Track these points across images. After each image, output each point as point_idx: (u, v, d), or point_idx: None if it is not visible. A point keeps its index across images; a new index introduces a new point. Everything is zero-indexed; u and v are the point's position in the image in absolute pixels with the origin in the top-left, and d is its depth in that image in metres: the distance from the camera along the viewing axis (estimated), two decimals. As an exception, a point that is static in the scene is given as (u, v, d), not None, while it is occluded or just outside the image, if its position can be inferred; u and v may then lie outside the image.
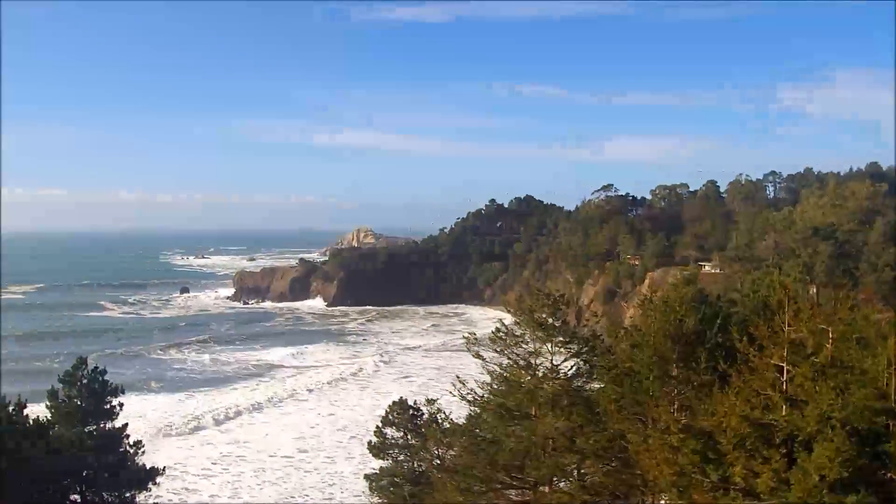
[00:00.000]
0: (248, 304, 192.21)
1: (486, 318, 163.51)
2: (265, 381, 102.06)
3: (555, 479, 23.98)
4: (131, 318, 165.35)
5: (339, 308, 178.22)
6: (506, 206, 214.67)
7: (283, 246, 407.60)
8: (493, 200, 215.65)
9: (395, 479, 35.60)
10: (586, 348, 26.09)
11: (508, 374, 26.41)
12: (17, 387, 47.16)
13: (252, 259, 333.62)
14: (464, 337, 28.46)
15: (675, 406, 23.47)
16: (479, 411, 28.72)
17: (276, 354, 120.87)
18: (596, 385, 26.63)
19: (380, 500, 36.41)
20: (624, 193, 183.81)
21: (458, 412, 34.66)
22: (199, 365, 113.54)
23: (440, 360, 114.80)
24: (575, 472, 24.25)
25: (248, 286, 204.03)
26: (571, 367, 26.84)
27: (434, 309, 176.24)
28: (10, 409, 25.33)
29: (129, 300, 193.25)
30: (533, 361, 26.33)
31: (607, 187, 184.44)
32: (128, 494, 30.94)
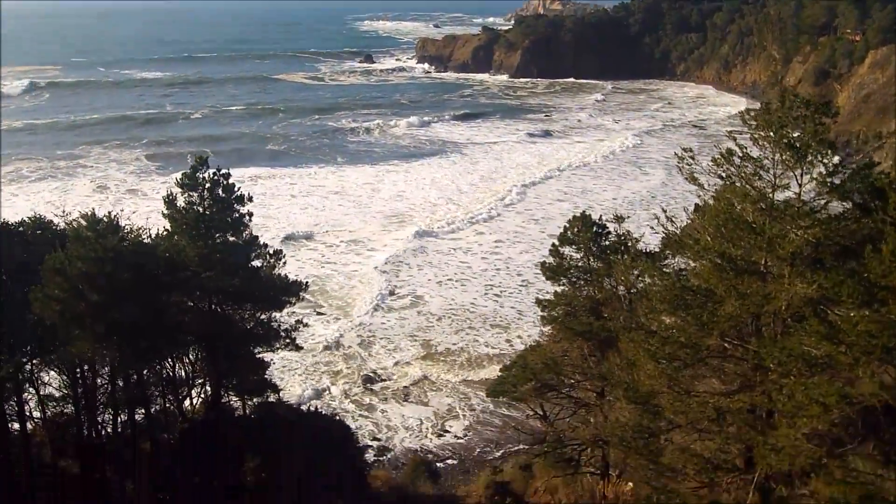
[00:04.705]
0: (429, 73, 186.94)
1: (683, 97, 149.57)
2: (450, 157, 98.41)
3: (796, 369, 17.22)
4: (314, 85, 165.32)
5: (522, 80, 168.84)
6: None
7: (467, 12, 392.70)
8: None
9: (572, 308, 30.02)
10: (858, 184, 18.12)
11: (735, 212, 19.13)
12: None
13: (437, 26, 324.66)
14: (675, 154, 20.98)
15: None
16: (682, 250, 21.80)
17: (457, 129, 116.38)
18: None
19: (552, 331, 31.22)
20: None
21: (650, 237, 27.94)
22: (378, 138, 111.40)
23: (632, 147, 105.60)
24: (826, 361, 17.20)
25: (430, 54, 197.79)
26: (822, 203, 18.94)
27: (623, 84, 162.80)
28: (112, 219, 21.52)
29: (314, 67, 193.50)
30: (773, 196, 18.78)
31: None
32: (263, 316, 27.37)
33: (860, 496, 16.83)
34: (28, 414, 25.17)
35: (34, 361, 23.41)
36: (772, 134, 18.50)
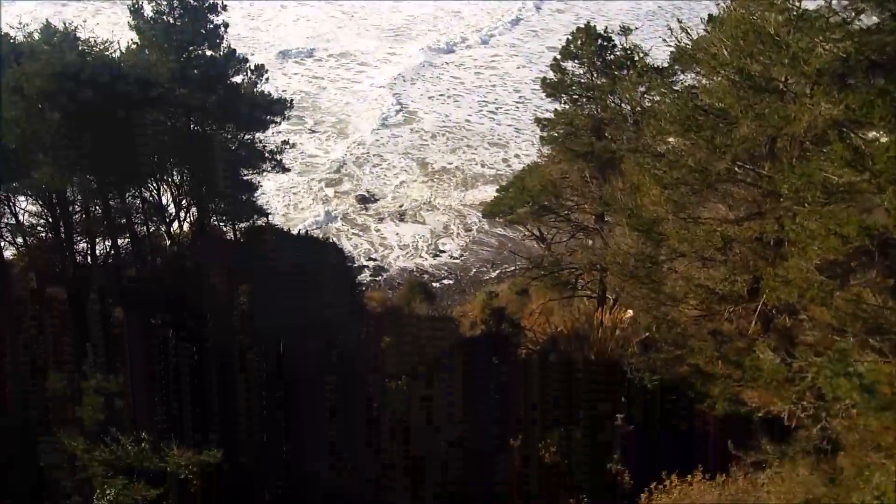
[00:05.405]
0: None
1: None
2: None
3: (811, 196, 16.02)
4: None
5: None
6: None
7: None
8: None
9: (573, 127, 28.48)
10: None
11: (757, 23, 17.27)
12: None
13: None
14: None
15: None
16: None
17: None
18: None
19: (551, 152, 29.78)
20: None
21: (659, 52, 25.90)
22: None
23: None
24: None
25: None
26: (853, 15, 17.05)
27: None
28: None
29: None
30: (800, 4, 16.86)
31: None
32: (247, 137, 25.88)
33: (866, 329, 16.22)
34: (11, 240, 24.46)
35: (6, 186, 22.25)
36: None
